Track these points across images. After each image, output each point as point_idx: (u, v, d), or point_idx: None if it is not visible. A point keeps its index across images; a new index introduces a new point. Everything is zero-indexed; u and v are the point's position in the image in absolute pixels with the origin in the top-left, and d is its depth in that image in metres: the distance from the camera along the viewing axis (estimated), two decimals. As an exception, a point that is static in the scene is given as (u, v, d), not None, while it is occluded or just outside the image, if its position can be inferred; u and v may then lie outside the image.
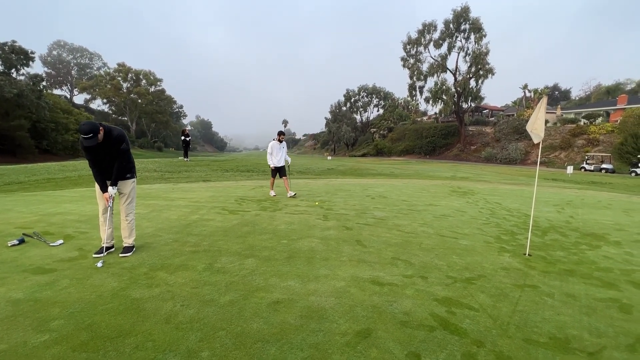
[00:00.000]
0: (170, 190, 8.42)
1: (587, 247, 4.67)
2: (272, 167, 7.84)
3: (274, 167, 7.83)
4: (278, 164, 7.81)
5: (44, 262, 3.32)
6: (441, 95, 43.73)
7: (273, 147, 7.80)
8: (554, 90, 68.98)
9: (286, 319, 2.42)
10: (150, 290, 2.77)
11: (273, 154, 7.78)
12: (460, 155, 44.03)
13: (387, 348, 2.12)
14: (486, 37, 40.69)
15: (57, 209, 5.83)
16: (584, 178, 20.55)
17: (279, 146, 7.84)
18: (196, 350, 2.02)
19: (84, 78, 65.64)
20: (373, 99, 69.54)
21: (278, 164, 7.81)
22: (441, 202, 7.94)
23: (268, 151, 7.86)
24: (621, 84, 55.59)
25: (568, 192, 11.77)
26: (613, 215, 7.20)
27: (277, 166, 7.82)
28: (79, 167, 13.53)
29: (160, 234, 4.45)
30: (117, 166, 3.47)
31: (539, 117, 3.89)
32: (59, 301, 2.55)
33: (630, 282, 3.42)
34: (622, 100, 40.21)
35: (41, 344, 2.03)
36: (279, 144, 7.84)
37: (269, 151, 7.83)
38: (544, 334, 2.35)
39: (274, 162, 7.78)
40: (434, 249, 4.21)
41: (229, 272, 3.24)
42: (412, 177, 16.08)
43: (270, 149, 7.81)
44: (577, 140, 35.84)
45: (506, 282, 3.27)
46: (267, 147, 8.10)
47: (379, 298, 2.80)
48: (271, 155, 7.80)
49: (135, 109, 57.58)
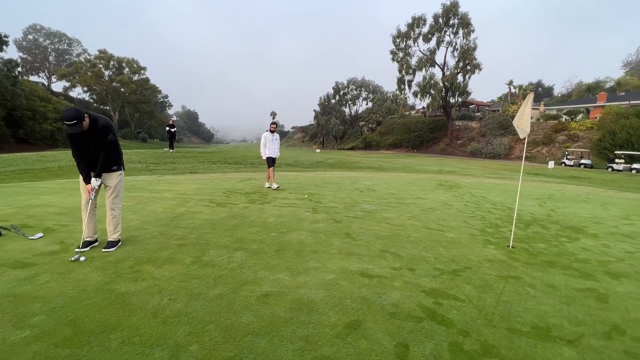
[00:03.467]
0: (155, 182, 8.23)
1: (566, 239, 4.84)
2: (265, 158, 7.72)
3: (268, 158, 7.71)
4: (272, 154, 7.72)
5: (23, 256, 3.19)
6: (429, 89, 44.10)
7: (266, 139, 7.69)
8: (538, 86, 70.52)
9: (276, 311, 2.41)
10: (137, 284, 2.72)
11: (267, 145, 7.67)
12: (447, 149, 44.70)
13: (376, 339, 2.15)
14: (474, 33, 41.13)
15: (36, 201, 5.61)
16: (564, 173, 21.25)
17: (272, 137, 7.73)
18: (184, 344, 2.00)
19: (63, 65, 62.84)
20: (362, 92, 69.50)
21: (272, 154, 7.72)
22: (428, 196, 8.06)
23: (261, 142, 7.72)
24: (601, 82, 57.32)
25: (549, 186, 12.15)
26: (591, 209, 7.48)
27: (273, 157, 7.76)
28: (59, 158, 13.03)
29: (145, 227, 4.35)
30: (103, 157, 3.32)
31: (526, 113, 3.96)
32: (40, 296, 2.46)
33: (607, 273, 3.58)
34: (601, 98, 41.53)
35: (21, 340, 1.96)
36: (271, 134, 7.73)
37: (262, 142, 7.70)
38: (527, 323, 2.43)
39: (267, 153, 7.69)
40: (422, 242, 4.28)
41: (218, 265, 3.20)
42: (400, 170, 16.24)
43: (264, 139, 7.68)
44: (558, 136, 36.90)
45: (491, 273, 3.36)
46: (255, 139, 7.98)
47: (368, 290, 2.83)
48: (265, 147, 7.68)
49: (117, 98, 55.63)
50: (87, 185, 3.32)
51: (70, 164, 10.97)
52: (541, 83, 72.66)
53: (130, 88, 55.63)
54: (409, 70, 45.89)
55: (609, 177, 20.44)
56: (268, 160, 7.74)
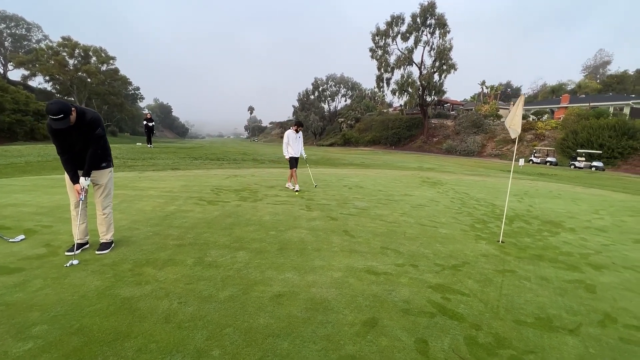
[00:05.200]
0: (137, 179, 7.85)
1: (548, 233, 5.15)
2: (288, 157, 7.38)
3: (291, 158, 7.36)
4: (295, 154, 7.40)
5: (6, 261, 2.95)
6: (407, 87, 45.02)
7: (289, 137, 7.32)
8: (507, 87, 74.05)
9: (292, 312, 2.40)
10: (141, 288, 2.59)
11: (290, 144, 7.33)
12: (423, 146, 45.95)
13: (396, 336, 2.19)
14: (450, 34, 42.37)
15: (7, 199, 5.19)
16: (533, 170, 22.49)
17: (295, 136, 7.39)
18: (205, 349, 1.94)
19: (21, 51, 58.11)
20: (341, 88, 69.81)
21: (295, 154, 7.40)
22: (415, 192, 8.27)
23: (284, 141, 7.39)
24: (564, 84, 61.11)
25: (523, 182, 12.83)
26: (564, 204, 7.99)
27: (295, 157, 7.41)
28: (25, 153, 12.10)
29: (137, 226, 4.15)
30: (91, 154, 3.10)
31: (517, 114, 4.15)
32: (36, 304, 2.29)
33: (589, 265, 3.85)
34: (565, 100, 44.26)
35: (25, 353, 1.81)
36: (295, 133, 7.38)
37: (284, 141, 7.37)
38: (530, 315, 2.57)
39: (291, 153, 7.34)
40: (418, 238, 4.39)
41: (222, 265, 3.12)
42: (383, 167, 16.51)
43: (287, 138, 7.33)
44: (526, 135, 38.96)
45: (488, 267, 3.51)
46: (232, 134, 7.66)
47: (378, 287, 2.87)
48: (287, 145, 7.34)
49: (84, 89, 52.26)
50: (76, 185, 3.09)
51: (38, 159, 10.23)
52: (510, 84, 76.32)
53: (98, 79, 52.49)
54: (388, 68, 46.59)
55: (572, 174, 21.88)
56: (291, 160, 7.39)
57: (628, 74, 54.86)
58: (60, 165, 3.28)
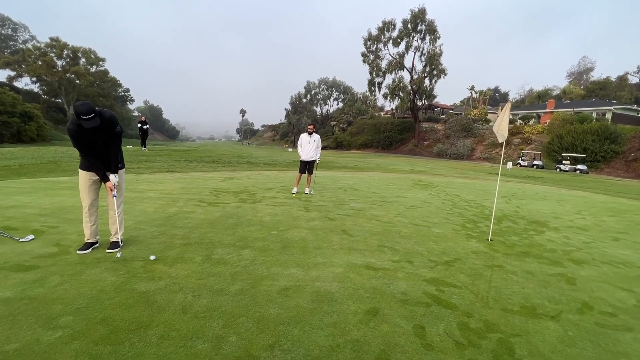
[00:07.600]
0: (134, 181, 7.91)
1: (534, 232, 5.45)
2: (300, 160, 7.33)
3: (300, 162, 7.31)
4: (306, 157, 7.23)
5: (20, 259, 3.06)
6: (398, 92, 45.72)
7: (302, 140, 7.25)
8: (495, 92, 75.77)
9: (299, 303, 2.58)
10: (155, 283, 2.74)
11: (303, 146, 7.25)
12: (414, 150, 46.65)
13: (395, 323, 2.39)
14: (440, 39, 43.26)
15: (9, 201, 5.23)
16: (520, 173, 23.14)
17: (308, 139, 7.21)
18: (223, 335, 2.11)
19: (7, 51, 56.91)
20: (333, 92, 70.37)
21: (306, 157, 7.23)
22: (408, 194, 8.54)
23: (298, 144, 7.37)
24: (549, 90, 62.93)
25: (511, 185, 13.28)
26: (549, 206, 8.37)
27: (306, 160, 7.26)
28: (18, 155, 11.96)
29: (142, 227, 4.27)
30: (115, 152, 3.25)
31: (504, 120, 4.43)
32: (58, 298, 2.42)
33: (571, 260, 4.13)
34: (550, 105, 45.61)
35: (57, 340, 1.96)
36: (309, 136, 7.22)
37: (298, 144, 7.34)
38: (516, 304, 2.82)
39: (303, 156, 7.26)
40: (412, 237, 4.62)
41: (229, 263, 3.29)
42: (375, 170, 16.80)
43: (300, 141, 7.28)
44: (514, 139, 39.97)
45: (478, 263, 3.76)
46: (223, 137, 7.69)
47: (377, 281, 3.08)
48: (301, 148, 7.28)
49: (72, 91, 51.43)
50: (107, 183, 3.27)
51: (33, 162, 10.15)
52: (498, 89, 78.11)
53: (87, 80, 51.81)
54: (379, 72, 47.24)
55: (558, 176, 22.60)
56: (300, 164, 7.32)
57: (610, 80, 56.85)
58: (56, 168, 3.41)
